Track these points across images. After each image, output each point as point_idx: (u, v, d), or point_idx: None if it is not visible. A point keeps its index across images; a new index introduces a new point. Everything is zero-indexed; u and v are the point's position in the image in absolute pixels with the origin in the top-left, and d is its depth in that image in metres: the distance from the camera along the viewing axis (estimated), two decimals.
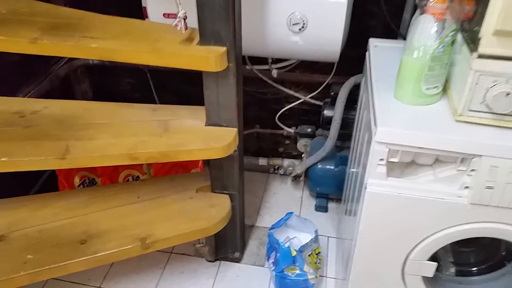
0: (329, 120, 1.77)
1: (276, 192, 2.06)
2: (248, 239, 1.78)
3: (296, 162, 2.02)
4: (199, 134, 1.28)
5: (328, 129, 1.81)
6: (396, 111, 0.99)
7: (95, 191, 1.46)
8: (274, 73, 1.86)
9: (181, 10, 1.12)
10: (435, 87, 1.00)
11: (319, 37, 1.49)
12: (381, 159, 0.95)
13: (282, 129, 2.11)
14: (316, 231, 1.54)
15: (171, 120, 1.34)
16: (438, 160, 0.98)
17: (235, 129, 1.30)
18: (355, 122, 1.52)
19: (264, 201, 2.00)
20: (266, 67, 1.92)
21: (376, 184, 0.98)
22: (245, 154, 2.35)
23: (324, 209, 1.94)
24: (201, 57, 1.13)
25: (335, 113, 1.64)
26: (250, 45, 1.58)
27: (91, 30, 1.19)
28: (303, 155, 1.98)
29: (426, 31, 0.94)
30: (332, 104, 1.76)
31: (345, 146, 1.84)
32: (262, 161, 2.05)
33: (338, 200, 2.00)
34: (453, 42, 0.96)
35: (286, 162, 2.03)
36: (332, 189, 1.90)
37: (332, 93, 1.74)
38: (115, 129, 1.28)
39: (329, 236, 1.81)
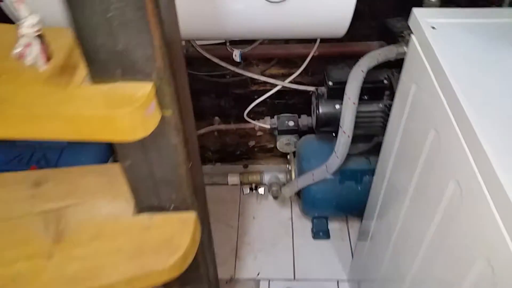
0: (326, 122, 1.19)
1: (256, 215, 1.50)
2: None
3: (280, 176, 1.44)
4: (126, 238, 0.67)
5: (324, 132, 1.24)
6: None
7: None
8: (237, 56, 1.22)
9: (27, 20, 0.45)
10: None
11: (313, 8, 0.86)
12: None
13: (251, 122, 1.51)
14: None
15: (67, 208, 0.71)
16: None
17: (193, 215, 0.70)
18: (387, 132, 0.96)
19: (242, 232, 1.44)
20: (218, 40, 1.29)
21: None
22: (206, 160, 1.76)
23: (325, 234, 1.42)
24: (97, 118, 0.49)
25: (344, 122, 1.05)
26: (199, 26, 0.93)
27: None
28: (288, 166, 1.41)
29: None
30: (331, 97, 1.17)
31: (352, 153, 1.28)
32: (232, 179, 1.46)
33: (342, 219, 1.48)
34: None
35: (267, 177, 1.44)
36: (335, 211, 1.36)
37: (330, 83, 1.14)
38: None
39: (339, 280, 1.30)
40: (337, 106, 1.17)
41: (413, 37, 0.74)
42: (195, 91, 1.54)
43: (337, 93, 1.14)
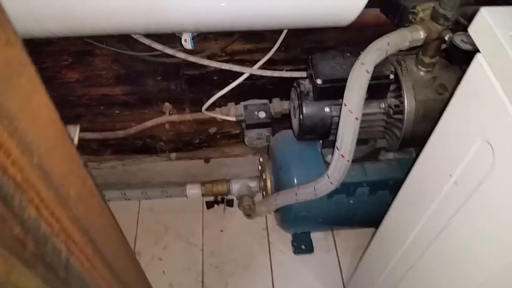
0: (312, 128, 0.91)
1: (224, 227, 1.23)
2: None
3: (252, 184, 1.15)
4: None
5: (308, 139, 0.96)
6: None
7: None
8: (188, 41, 0.89)
9: None
10: None
11: None
12: None
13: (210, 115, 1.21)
14: None
15: None
16: None
17: None
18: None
19: (208, 251, 1.18)
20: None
21: None
22: (158, 152, 1.45)
23: (308, 248, 1.18)
24: None
25: (342, 143, 0.77)
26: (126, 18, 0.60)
27: None
28: (261, 170, 1.13)
29: None
30: (319, 98, 0.87)
31: None
32: (192, 190, 1.16)
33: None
34: None
35: (236, 185, 1.15)
36: (321, 227, 1.12)
37: (319, 82, 0.84)
38: None
39: None
40: (327, 109, 0.88)
41: (480, 58, 0.45)
42: (135, 74, 1.20)
43: (327, 93, 0.85)
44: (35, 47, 1.02)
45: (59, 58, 1.07)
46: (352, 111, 0.73)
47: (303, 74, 1.08)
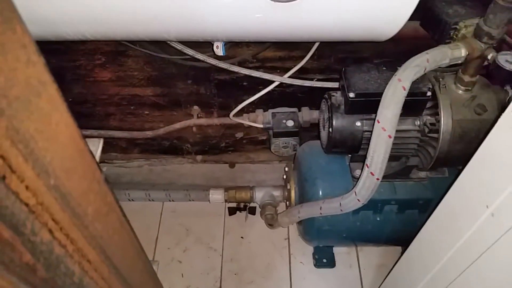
0: (342, 142, 0.88)
1: (245, 233, 1.22)
2: None
3: (276, 193, 1.13)
4: None
5: (336, 153, 0.93)
6: None
7: None
8: (220, 48, 0.88)
9: None
10: None
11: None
12: None
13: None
14: None
15: None
16: None
17: None
18: None
19: (228, 258, 1.17)
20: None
21: None
22: (184, 153, 1.45)
23: (330, 262, 1.16)
24: None
25: (373, 160, 0.74)
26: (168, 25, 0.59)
27: None
28: (286, 180, 1.11)
29: None
30: (351, 112, 0.85)
31: None
32: (215, 196, 1.15)
33: None
34: None
35: (260, 193, 1.14)
36: (344, 242, 1.09)
37: (351, 95, 0.81)
38: None
39: None
40: (358, 124, 0.85)
41: None
42: (167, 76, 1.20)
43: (359, 107, 0.83)
44: (70, 45, 1.03)
45: (93, 57, 1.08)
46: (385, 128, 0.70)
47: (334, 84, 1.06)
